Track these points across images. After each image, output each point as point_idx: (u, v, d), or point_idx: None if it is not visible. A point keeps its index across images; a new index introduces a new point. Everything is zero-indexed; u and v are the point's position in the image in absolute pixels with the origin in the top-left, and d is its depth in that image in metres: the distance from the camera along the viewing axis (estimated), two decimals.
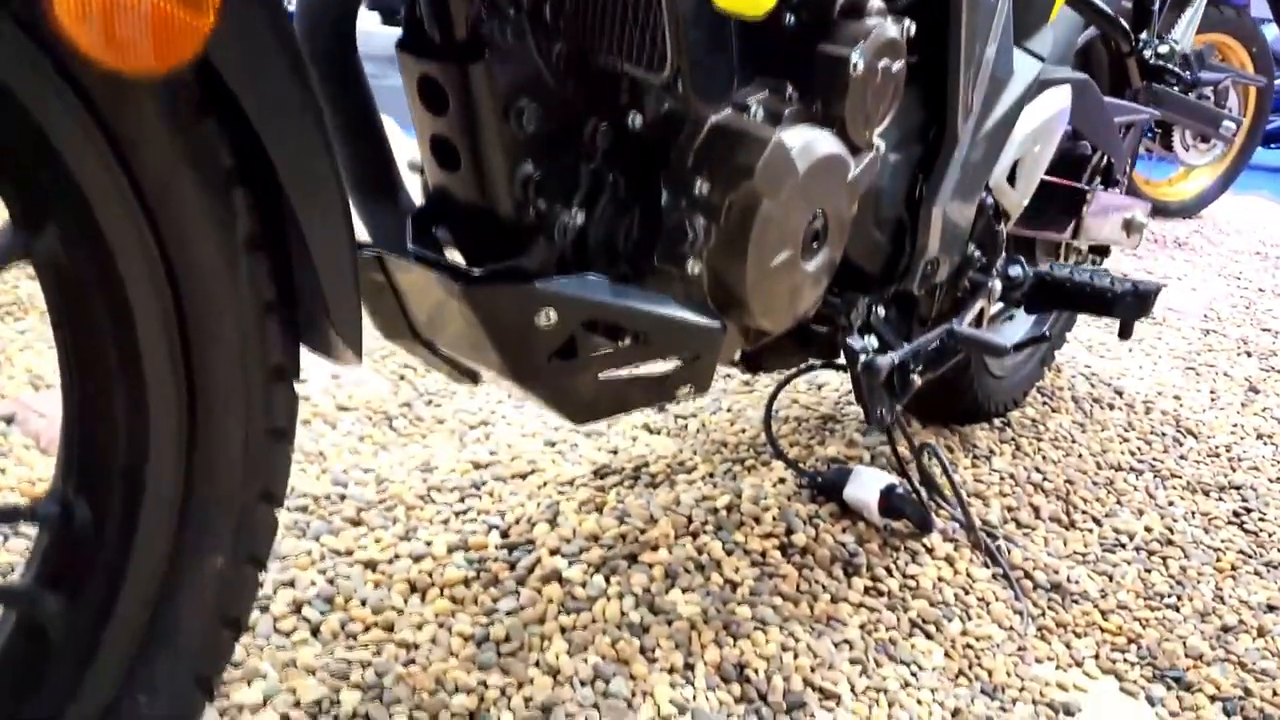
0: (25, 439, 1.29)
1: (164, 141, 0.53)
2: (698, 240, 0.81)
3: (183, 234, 0.56)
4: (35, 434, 1.29)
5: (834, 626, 1.15)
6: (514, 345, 0.79)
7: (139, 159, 0.53)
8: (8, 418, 1.32)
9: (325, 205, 0.59)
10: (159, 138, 0.53)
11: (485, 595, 1.11)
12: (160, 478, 0.60)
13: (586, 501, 1.30)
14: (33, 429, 1.30)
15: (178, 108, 0.53)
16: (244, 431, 0.63)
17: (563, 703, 0.97)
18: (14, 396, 1.39)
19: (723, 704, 1.02)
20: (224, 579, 0.65)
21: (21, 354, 1.52)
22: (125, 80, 0.48)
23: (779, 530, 1.29)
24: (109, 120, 0.51)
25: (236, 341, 0.60)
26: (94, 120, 0.51)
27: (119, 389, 0.58)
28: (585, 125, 0.80)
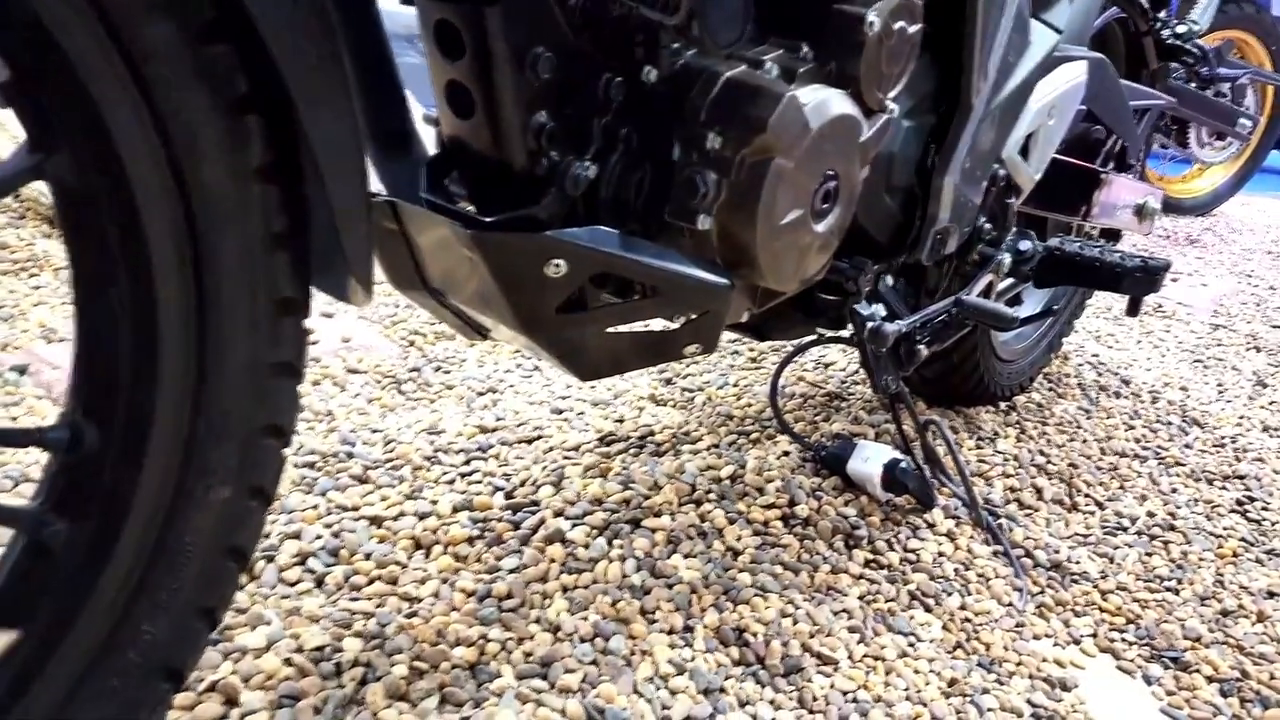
0: (37, 389, 1.30)
1: (178, 62, 0.53)
2: (708, 195, 0.81)
3: (195, 158, 0.57)
4: (47, 385, 1.30)
5: (833, 596, 1.16)
6: (523, 295, 0.79)
7: (154, 79, 0.53)
8: (21, 368, 1.33)
9: (339, 138, 0.59)
10: (173, 58, 0.53)
11: (489, 554, 1.12)
12: (168, 404, 0.61)
13: (591, 467, 1.30)
14: (45, 380, 1.31)
15: (192, 28, 0.53)
16: (251, 362, 0.63)
17: (562, 658, 0.97)
18: (27, 348, 1.40)
19: (720, 666, 1.02)
20: (229, 510, 0.66)
21: (35, 308, 1.53)
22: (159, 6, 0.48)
23: (782, 501, 1.29)
24: (125, 40, 0.52)
25: (246, 270, 0.61)
26: (111, 40, 0.51)
27: (129, 315, 0.59)
28: (600, 77, 0.80)
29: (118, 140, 0.54)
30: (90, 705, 0.63)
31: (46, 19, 0.50)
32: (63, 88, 0.52)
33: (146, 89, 0.53)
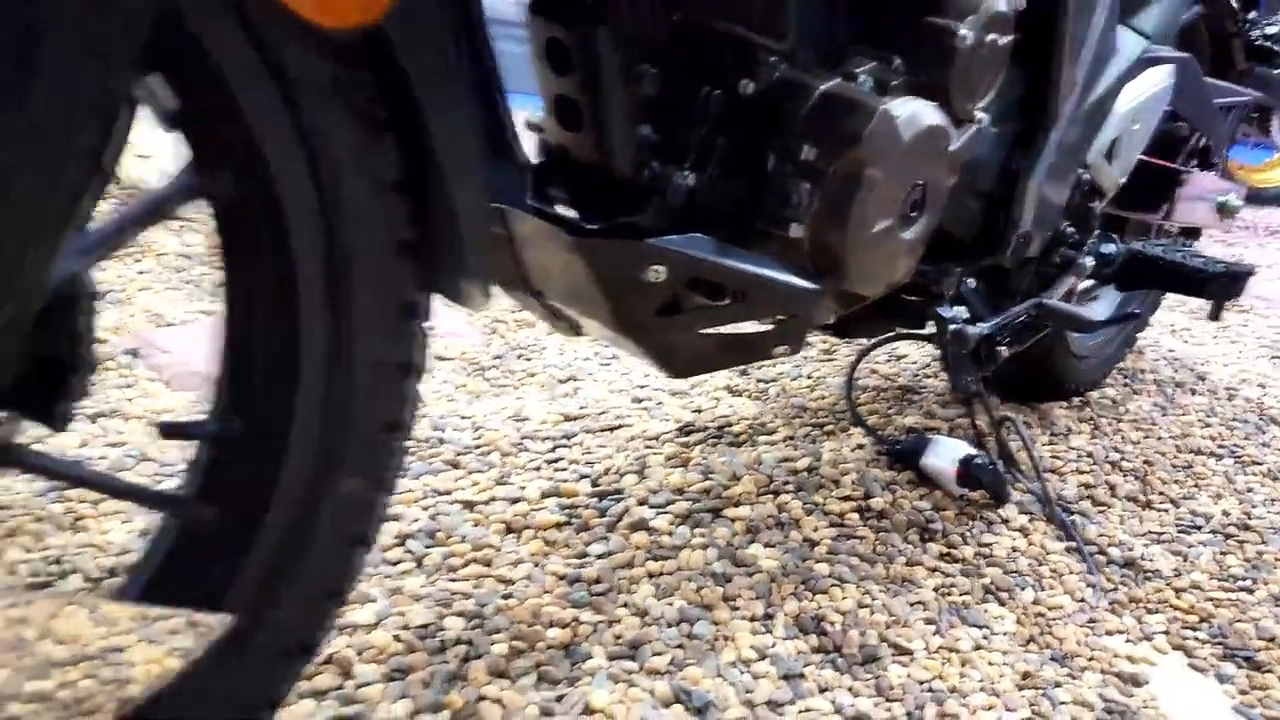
0: (150, 372, 1.37)
1: (324, 88, 0.58)
2: (801, 204, 0.85)
3: (337, 174, 0.61)
4: (158, 368, 1.38)
5: (908, 588, 1.19)
6: (622, 299, 0.83)
7: (303, 105, 0.58)
8: (133, 351, 1.40)
9: (465, 150, 0.64)
10: (320, 85, 0.58)
11: (577, 539, 1.17)
12: (307, 402, 0.66)
13: (672, 456, 1.35)
14: (156, 363, 1.39)
15: (342, 59, 0.58)
16: (379, 363, 0.69)
17: (650, 641, 1.02)
18: (136, 332, 1.48)
19: (800, 653, 1.06)
20: (355, 499, 0.71)
21: (140, 294, 1.61)
22: (300, 32, 0.53)
23: (857, 494, 1.32)
24: (283, 69, 0.56)
25: (379, 277, 0.66)
26: (268, 70, 0.56)
27: (275, 319, 0.64)
28: (699, 91, 0.84)
29: (271, 160, 0.59)
30: (232, 677, 0.69)
31: (214, 53, 0.55)
32: (224, 114, 0.57)
33: (297, 113, 0.58)
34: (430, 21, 0.57)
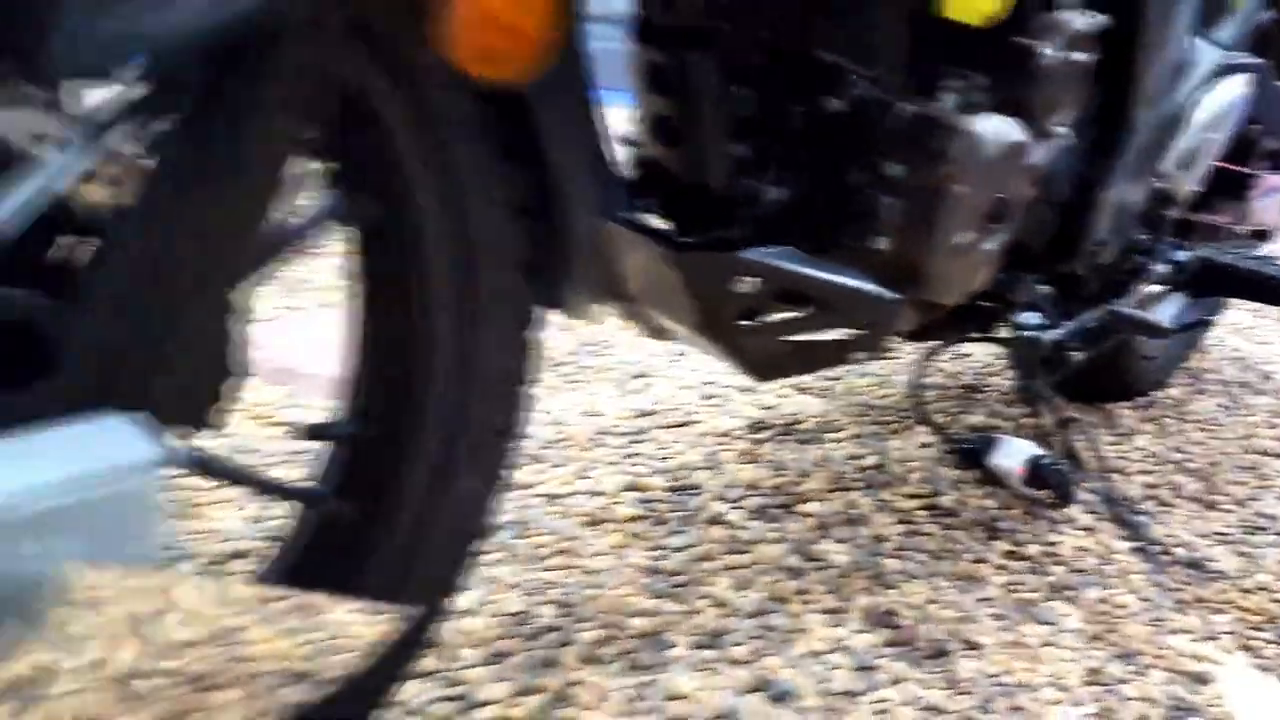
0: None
1: (465, 125, 0.63)
2: (886, 218, 0.88)
3: (470, 202, 0.67)
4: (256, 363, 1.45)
5: (976, 585, 1.22)
6: (713, 307, 0.88)
7: (446, 139, 0.63)
8: None
9: (583, 184, 0.68)
10: (463, 122, 0.63)
11: (655, 532, 1.22)
12: (435, 408, 0.72)
13: (744, 453, 1.39)
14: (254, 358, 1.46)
15: (483, 104, 0.63)
16: (499, 372, 0.74)
17: (730, 631, 1.07)
18: None
19: (872, 646, 1.10)
20: (472, 497, 0.77)
21: None
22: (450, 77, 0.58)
23: (925, 492, 1.36)
24: (429, 108, 0.62)
25: (502, 293, 0.71)
26: (416, 108, 0.61)
27: (409, 330, 0.69)
28: (790, 109, 0.88)
29: (412, 188, 0.64)
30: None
31: (371, 95, 0.60)
32: (374, 148, 0.63)
33: (438, 147, 0.63)
34: (559, 73, 0.62)
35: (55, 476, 0.36)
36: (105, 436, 0.39)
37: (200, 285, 0.49)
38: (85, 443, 0.39)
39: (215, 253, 0.48)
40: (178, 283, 0.47)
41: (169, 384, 0.50)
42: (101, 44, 0.39)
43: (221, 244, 0.49)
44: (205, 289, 0.49)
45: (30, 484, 0.36)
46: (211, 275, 0.49)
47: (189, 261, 0.47)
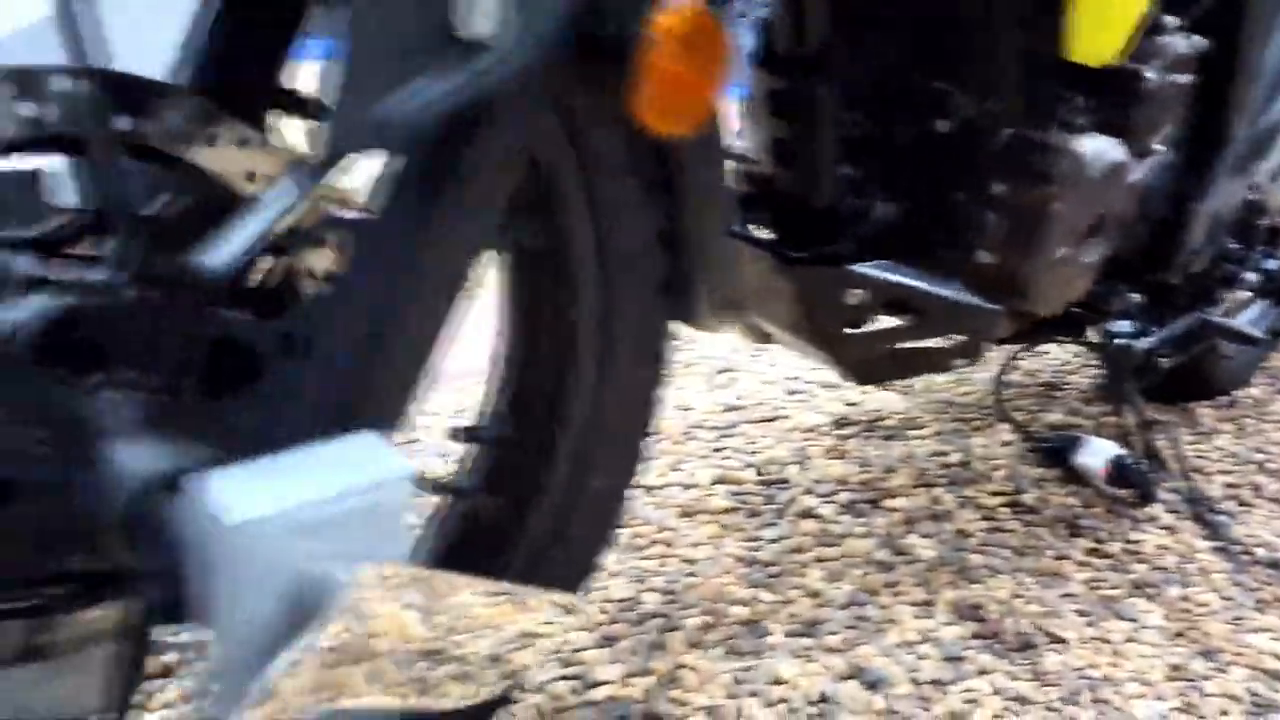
0: None
1: (619, 162, 0.69)
2: (989, 233, 0.93)
3: (616, 229, 0.72)
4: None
5: (1059, 581, 1.26)
6: (821, 316, 0.93)
7: (601, 176, 0.69)
8: None
9: (717, 211, 0.74)
10: (617, 161, 0.69)
11: (748, 524, 1.27)
12: (575, 414, 0.78)
13: (831, 449, 1.44)
14: None
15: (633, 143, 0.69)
16: (633, 381, 0.80)
17: (824, 621, 1.12)
18: None
19: (960, 637, 1.15)
20: (604, 496, 0.83)
21: None
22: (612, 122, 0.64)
23: (1008, 489, 1.39)
24: (588, 149, 0.67)
25: (639, 311, 0.77)
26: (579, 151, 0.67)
27: (555, 345, 0.76)
28: (897, 130, 0.92)
29: (568, 217, 0.70)
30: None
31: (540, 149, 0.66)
32: (535, 181, 0.69)
33: (592, 180, 0.69)
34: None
35: (330, 488, 0.42)
36: (363, 453, 0.46)
37: (415, 307, 0.55)
38: (347, 458, 0.45)
39: (435, 276, 0.54)
40: (395, 307, 0.54)
41: (379, 390, 0.56)
42: (371, 127, 0.45)
43: (442, 270, 0.55)
44: (419, 310, 0.55)
45: (310, 495, 0.42)
46: (428, 298, 0.55)
47: (412, 286, 0.54)
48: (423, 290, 0.54)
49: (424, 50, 0.45)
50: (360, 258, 0.54)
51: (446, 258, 0.54)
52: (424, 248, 0.53)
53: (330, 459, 0.45)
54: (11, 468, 0.55)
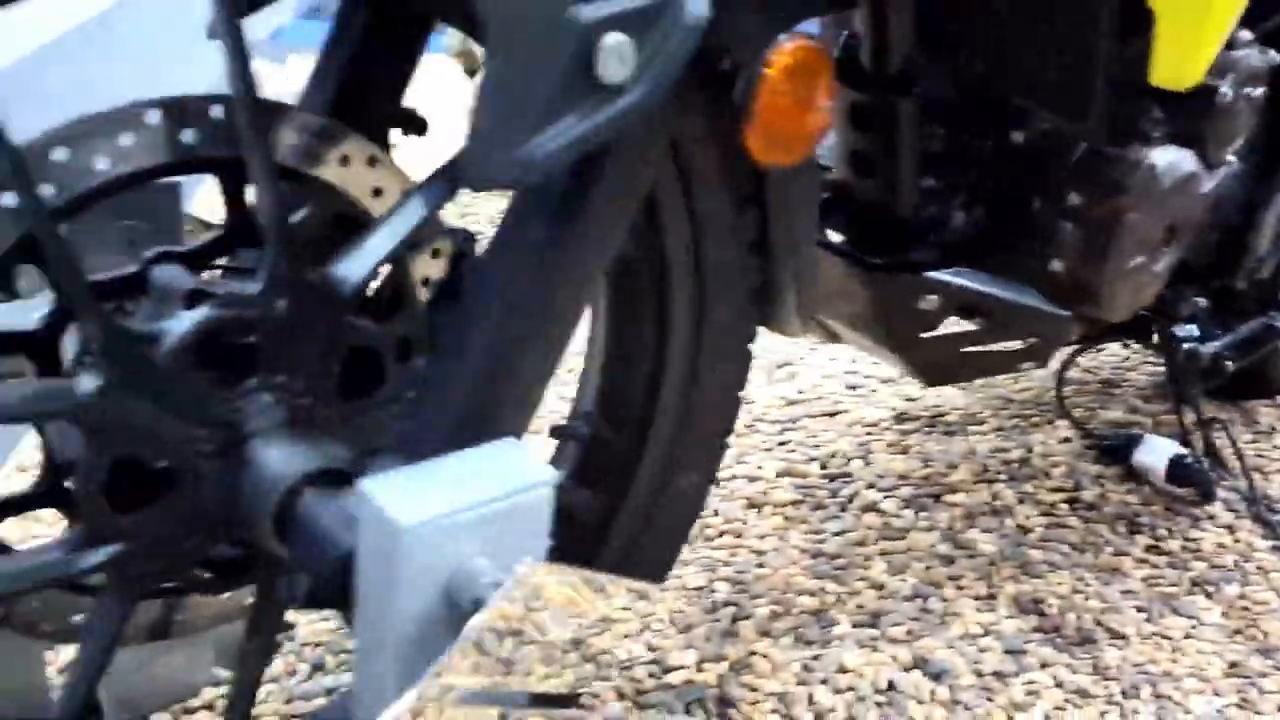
0: None
1: (716, 178, 0.73)
2: (1063, 243, 0.95)
3: (711, 241, 0.76)
4: None
5: (1118, 577, 1.29)
6: (897, 321, 0.96)
7: (699, 192, 0.73)
8: None
9: (808, 225, 0.78)
10: (714, 179, 0.73)
11: (813, 516, 1.31)
12: (665, 414, 0.82)
13: (893, 444, 1.47)
14: None
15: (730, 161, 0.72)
16: (720, 383, 0.84)
17: (888, 613, 1.16)
18: None
19: (1021, 631, 1.18)
20: (690, 492, 0.88)
21: None
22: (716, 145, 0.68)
23: (1067, 486, 1.42)
24: (687, 167, 0.71)
25: (731, 317, 0.81)
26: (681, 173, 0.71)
27: (648, 350, 0.80)
28: (974, 142, 0.95)
29: (666, 232, 0.74)
30: None
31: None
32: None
33: (691, 198, 0.73)
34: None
35: (484, 492, 0.47)
36: (507, 458, 0.50)
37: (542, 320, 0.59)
38: (494, 463, 0.50)
39: (563, 291, 0.59)
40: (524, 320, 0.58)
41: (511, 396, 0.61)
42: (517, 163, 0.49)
43: (570, 286, 0.59)
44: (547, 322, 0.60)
45: (468, 498, 0.47)
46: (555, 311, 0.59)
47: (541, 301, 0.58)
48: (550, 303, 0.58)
49: (567, 94, 0.49)
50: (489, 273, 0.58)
51: (576, 275, 0.59)
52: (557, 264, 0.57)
53: (478, 464, 0.50)
54: (172, 460, 0.61)
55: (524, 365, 0.58)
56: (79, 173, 0.59)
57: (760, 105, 0.62)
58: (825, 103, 0.65)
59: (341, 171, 0.68)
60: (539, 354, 0.59)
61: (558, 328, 0.60)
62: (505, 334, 0.57)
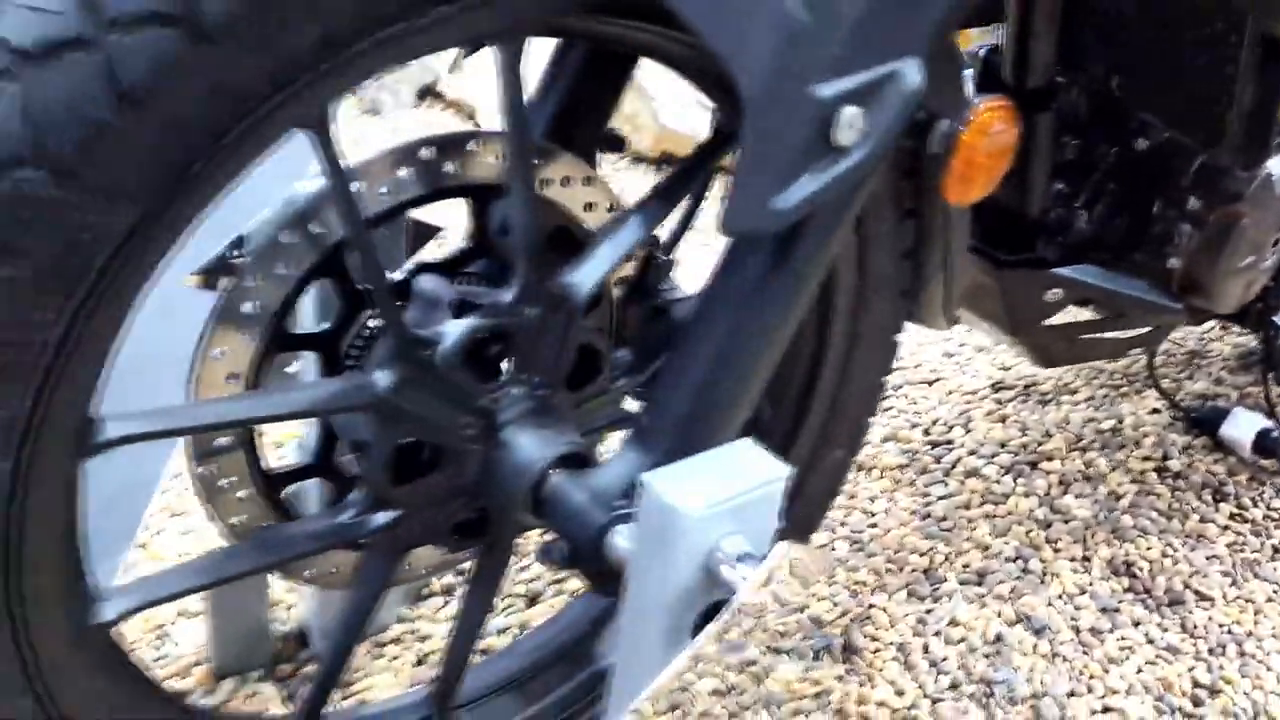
0: None
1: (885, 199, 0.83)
2: (1180, 243, 1.04)
3: (873, 248, 0.86)
4: None
5: (1204, 543, 1.38)
6: (1023, 312, 1.06)
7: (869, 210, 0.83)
8: None
9: (961, 238, 0.87)
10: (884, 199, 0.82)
11: (919, 480, 1.42)
12: (821, 396, 0.93)
13: (991, 412, 1.57)
14: None
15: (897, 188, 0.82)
16: (869, 370, 0.94)
17: (993, 572, 1.27)
18: None
19: (1114, 592, 1.29)
20: (835, 467, 0.98)
21: None
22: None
23: (1156, 455, 1.51)
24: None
25: (885, 312, 0.91)
26: None
27: (809, 341, 0.90)
28: (1100, 149, 1.03)
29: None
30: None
31: None
32: None
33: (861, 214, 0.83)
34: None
35: (739, 484, 0.58)
36: (747, 455, 0.61)
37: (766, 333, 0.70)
38: (737, 460, 0.61)
39: (786, 312, 0.69)
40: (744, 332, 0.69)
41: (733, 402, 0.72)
42: (766, 214, 0.59)
43: (796, 308, 0.70)
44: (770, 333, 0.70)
45: (730, 490, 0.58)
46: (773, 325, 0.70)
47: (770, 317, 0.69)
48: (772, 324, 0.69)
49: (808, 157, 0.59)
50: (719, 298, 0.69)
51: (798, 299, 0.69)
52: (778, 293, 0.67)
53: (729, 461, 0.61)
54: (443, 443, 0.73)
55: (745, 376, 0.69)
56: (370, 200, 0.70)
57: (958, 160, 0.72)
58: (1011, 149, 0.74)
59: (562, 190, 0.78)
60: (759, 367, 0.70)
61: (777, 343, 0.70)
62: (731, 345, 0.67)
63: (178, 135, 0.48)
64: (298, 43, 0.49)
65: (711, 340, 0.68)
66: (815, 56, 0.58)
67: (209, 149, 0.50)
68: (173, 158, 0.49)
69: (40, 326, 0.48)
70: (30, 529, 0.54)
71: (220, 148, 0.50)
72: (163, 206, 0.49)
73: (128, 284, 0.51)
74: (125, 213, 0.48)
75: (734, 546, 0.58)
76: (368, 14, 0.51)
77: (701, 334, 0.68)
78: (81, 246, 0.48)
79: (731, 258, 0.68)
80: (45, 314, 0.48)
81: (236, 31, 0.47)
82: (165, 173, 0.49)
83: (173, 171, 0.49)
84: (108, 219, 0.48)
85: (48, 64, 0.45)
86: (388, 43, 0.53)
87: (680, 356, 0.70)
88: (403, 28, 0.53)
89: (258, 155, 0.53)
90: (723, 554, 0.58)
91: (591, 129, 0.82)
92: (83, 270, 0.48)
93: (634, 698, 0.61)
